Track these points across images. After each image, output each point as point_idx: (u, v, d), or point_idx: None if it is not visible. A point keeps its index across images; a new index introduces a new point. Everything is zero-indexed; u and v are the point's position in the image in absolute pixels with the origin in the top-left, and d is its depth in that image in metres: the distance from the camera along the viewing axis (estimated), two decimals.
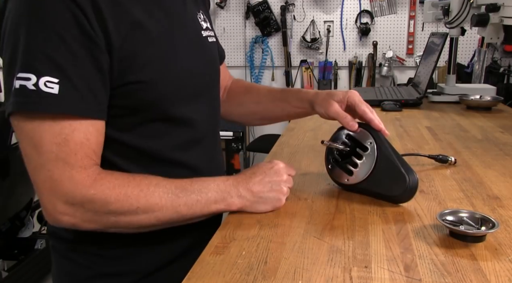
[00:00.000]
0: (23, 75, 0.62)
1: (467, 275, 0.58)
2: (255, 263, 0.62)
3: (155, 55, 0.72)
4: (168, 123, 0.77)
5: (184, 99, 0.78)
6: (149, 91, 0.72)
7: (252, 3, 3.68)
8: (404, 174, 0.78)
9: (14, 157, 2.03)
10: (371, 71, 3.66)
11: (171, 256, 0.82)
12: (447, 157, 1.03)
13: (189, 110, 0.79)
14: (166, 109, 0.75)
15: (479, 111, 1.66)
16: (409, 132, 1.35)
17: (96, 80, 0.66)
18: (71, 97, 0.64)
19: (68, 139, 0.65)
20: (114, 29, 0.66)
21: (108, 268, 0.79)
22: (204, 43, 0.85)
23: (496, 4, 1.54)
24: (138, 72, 0.70)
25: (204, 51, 0.84)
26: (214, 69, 0.89)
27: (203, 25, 0.87)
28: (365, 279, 0.58)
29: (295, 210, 0.79)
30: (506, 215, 0.76)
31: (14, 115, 0.65)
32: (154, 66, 0.72)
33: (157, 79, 0.72)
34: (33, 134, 0.64)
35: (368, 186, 0.82)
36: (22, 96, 0.62)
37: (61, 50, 0.62)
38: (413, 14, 3.57)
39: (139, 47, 0.70)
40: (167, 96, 0.75)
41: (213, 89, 0.88)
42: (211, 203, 0.74)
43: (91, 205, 0.67)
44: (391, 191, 0.80)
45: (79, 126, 0.65)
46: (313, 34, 3.71)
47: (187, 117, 0.79)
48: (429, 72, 1.80)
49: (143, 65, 0.70)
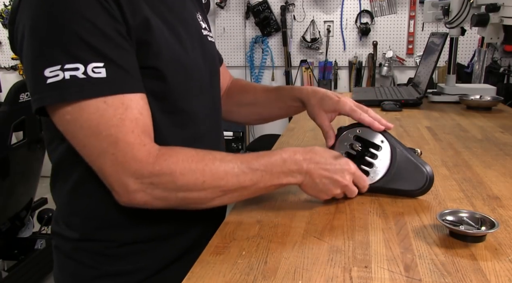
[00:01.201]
0: (71, 66, 0.62)
1: (467, 275, 0.58)
2: (255, 263, 0.62)
3: (165, 46, 0.73)
4: (174, 117, 0.77)
5: (190, 93, 0.79)
6: (161, 81, 0.73)
7: (252, 3, 3.68)
8: (421, 167, 0.80)
9: (14, 157, 2.03)
10: (371, 71, 3.66)
11: (177, 254, 0.82)
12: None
13: (194, 104, 0.80)
14: (175, 101, 0.76)
15: (479, 111, 1.66)
16: (409, 132, 1.36)
17: (131, 58, 0.68)
18: (119, 77, 0.66)
19: (124, 118, 0.65)
20: (131, 17, 0.68)
21: (114, 267, 0.79)
22: (204, 41, 0.86)
23: (496, 4, 1.54)
24: (153, 59, 0.71)
25: (204, 49, 0.85)
26: (214, 67, 0.90)
27: (202, 25, 0.88)
28: (365, 279, 0.58)
29: (295, 210, 0.79)
30: (506, 215, 0.76)
31: (61, 107, 0.64)
32: (165, 57, 0.73)
33: (168, 70, 0.73)
34: (90, 123, 0.64)
35: (384, 184, 0.83)
36: (75, 86, 0.63)
37: (97, 35, 0.64)
38: (413, 14, 3.57)
39: (151, 37, 0.71)
40: (176, 89, 0.76)
41: (214, 86, 0.89)
42: (275, 179, 0.74)
43: (159, 181, 0.67)
44: (411, 185, 0.82)
45: (130, 103, 0.66)
46: (313, 34, 3.71)
47: (193, 111, 0.80)
48: (429, 72, 1.80)
49: (156, 53, 0.71)
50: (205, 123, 0.83)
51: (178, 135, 0.78)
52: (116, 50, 0.66)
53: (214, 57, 0.91)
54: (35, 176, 2.31)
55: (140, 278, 0.80)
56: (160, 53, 0.72)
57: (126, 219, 0.76)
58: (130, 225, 0.78)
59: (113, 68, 0.65)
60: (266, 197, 0.86)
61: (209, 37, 0.89)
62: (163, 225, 0.80)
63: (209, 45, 0.88)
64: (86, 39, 0.63)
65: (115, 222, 0.77)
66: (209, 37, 0.89)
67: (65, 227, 0.80)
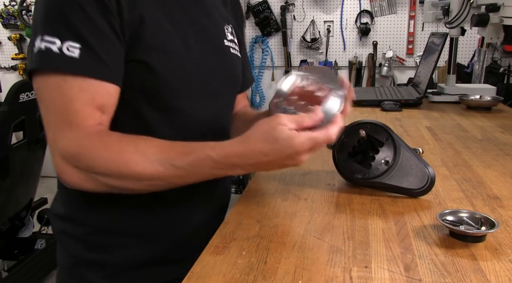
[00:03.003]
0: (50, 38, 0.66)
1: (467, 275, 0.58)
2: (255, 263, 0.62)
3: (162, 43, 0.74)
4: (167, 116, 0.77)
5: (188, 94, 0.78)
6: (151, 76, 0.73)
7: (252, 3, 3.68)
8: (424, 167, 0.81)
9: (14, 157, 2.03)
10: (371, 71, 3.66)
11: (157, 255, 0.82)
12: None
13: (192, 106, 0.79)
14: (168, 99, 0.76)
15: (479, 111, 1.66)
16: (409, 132, 1.35)
17: (115, 50, 0.70)
18: (89, 62, 0.67)
19: (74, 98, 0.67)
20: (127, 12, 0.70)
21: (91, 256, 0.80)
22: (224, 50, 0.86)
23: (496, 4, 1.54)
24: (144, 52, 0.72)
25: (221, 57, 0.85)
26: (230, 77, 0.88)
27: (228, 36, 0.89)
28: (365, 279, 0.58)
29: (295, 210, 0.79)
30: (506, 215, 0.76)
31: (35, 75, 0.69)
32: (159, 53, 0.73)
33: (161, 66, 0.73)
34: (46, 94, 0.68)
35: (386, 180, 0.83)
36: (46, 56, 0.66)
37: (83, 19, 0.67)
38: (413, 14, 3.57)
39: (144, 32, 0.72)
40: (170, 86, 0.75)
41: (225, 96, 0.88)
42: (209, 176, 0.70)
43: (80, 163, 0.68)
44: (412, 184, 0.82)
45: (88, 87, 0.68)
46: (313, 34, 3.71)
47: (189, 113, 0.79)
48: (429, 72, 1.80)
49: (148, 48, 0.72)
50: (204, 128, 0.82)
51: (171, 135, 0.75)
52: (99, 38, 0.68)
53: (233, 69, 0.89)
54: (35, 176, 2.31)
55: (116, 270, 0.81)
56: (153, 48, 0.72)
57: (105, 204, 0.77)
58: (107, 210, 0.79)
59: (88, 52, 0.67)
60: (266, 196, 0.86)
61: (232, 50, 0.89)
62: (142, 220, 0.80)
63: (229, 56, 0.88)
64: (70, 19, 0.66)
65: (94, 206, 0.79)
66: (232, 49, 0.89)
67: (57, 204, 0.84)
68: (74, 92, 0.67)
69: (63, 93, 0.67)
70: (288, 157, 0.66)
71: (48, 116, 0.69)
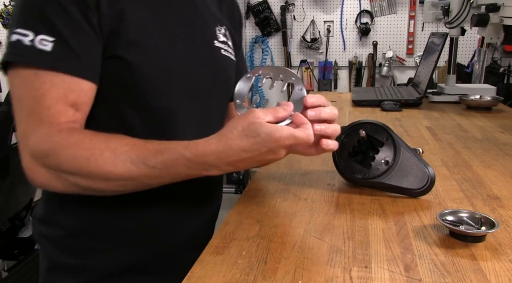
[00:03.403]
0: (22, 31, 0.65)
1: (467, 275, 0.58)
2: (255, 263, 0.62)
3: (144, 40, 0.72)
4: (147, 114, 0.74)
5: (170, 93, 0.75)
6: (130, 73, 0.71)
7: (252, 3, 3.68)
8: (424, 167, 0.81)
9: (14, 157, 2.03)
10: (371, 71, 3.66)
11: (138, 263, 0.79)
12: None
13: (175, 106, 0.76)
14: (148, 97, 0.73)
15: (479, 111, 1.66)
16: (409, 132, 1.35)
17: (91, 45, 0.68)
18: (62, 57, 0.66)
19: (46, 94, 0.65)
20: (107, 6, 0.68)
21: (66, 260, 0.78)
22: (213, 51, 0.84)
23: (496, 4, 1.54)
24: (123, 48, 0.70)
25: (211, 57, 0.83)
26: (220, 79, 0.85)
27: (220, 37, 0.86)
28: (365, 279, 0.58)
29: (295, 210, 0.79)
30: (506, 215, 0.76)
31: (9, 69, 0.68)
32: (141, 50, 0.71)
33: (143, 63, 0.71)
34: (17, 89, 0.67)
35: (386, 180, 0.83)
36: (17, 49, 0.65)
37: (58, 12, 0.65)
38: (413, 14, 3.57)
39: (124, 27, 0.70)
40: (150, 84, 0.73)
41: (214, 98, 0.85)
42: (182, 176, 0.67)
43: (49, 162, 0.65)
44: (412, 184, 0.82)
45: (59, 82, 0.66)
46: (313, 34, 3.71)
47: (171, 112, 0.76)
48: (429, 72, 1.80)
49: (129, 44, 0.70)
50: (188, 129, 0.78)
51: (152, 136, 0.70)
52: (74, 32, 0.66)
53: (223, 70, 0.86)
54: None
55: (90, 278, 0.78)
56: (133, 44, 0.70)
57: (83, 206, 0.75)
58: (83, 213, 0.76)
59: (62, 47, 0.65)
60: (266, 196, 0.86)
61: (224, 51, 0.86)
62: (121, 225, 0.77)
63: (220, 57, 0.85)
64: (45, 13, 0.65)
65: (72, 208, 0.76)
66: (223, 51, 0.86)
67: (38, 207, 0.82)
68: (46, 88, 0.65)
69: (34, 88, 0.65)
70: (270, 151, 0.63)
71: (19, 112, 0.67)
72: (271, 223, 0.74)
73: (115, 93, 0.72)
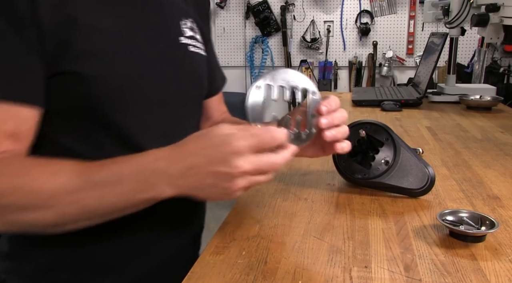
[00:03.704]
0: None
1: (467, 275, 0.58)
2: (255, 263, 0.62)
3: (99, 48, 0.64)
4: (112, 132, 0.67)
5: (139, 104, 0.68)
6: (90, 88, 0.63)
7: (252, 3, 3.68)
8: (424, 167, 0.81)
9: None
10: (371, 71, 3.67)
11: None
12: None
13: (138, 119, 0.69)
14: (108, 113, 0.66)
15: (479, 111, 1.66)
16: (409, 132, 1.36)
17: (26, 62, 0.60)
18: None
19: None
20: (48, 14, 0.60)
21: None
22: (180, 49, 0.76)
23: (496, 4, 1.54)
24: (73, 61, 0.62)
25: (177, 56, 0.75)
26: (190, 80, 0.77)
27: (186, 32, 0.78)
28: (365, 279, 0.58)
29: (295, 210, 0.79)
30: (506, 215, 0.76)
31: None
32: (97, 61, 0.63)
33: (101, 76, 0.63)
34: None
35: (386, 180, 0.83)
36: None
37: None
38: (413, 14, 3.57)
39: (75, 37, 0.61)
40: (113, 98, 0.65)
41: (186, 102, 0.77)
42: (132, 194, 0.57)
43: None
44: (412, 184, 0.82)
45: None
46: (313, 34, 3.71)
47: (135, 126, 0.68)
48: (429, 72, 1.80)
49: (79, 56, 0.62)
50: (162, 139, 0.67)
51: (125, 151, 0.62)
52: (8, 54, 0.59)
53: (194, 70, 0.79)
54: None
55: None
56: (86, 55, 0.62)
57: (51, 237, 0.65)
58: (60, 246, 0.69)
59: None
60: (266, 197, 0.86)
61: (192, 47, 0.78)
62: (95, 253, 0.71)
63: (188, 55, 0.77)
64: None
65: (39, 240, 0.69)
66: (191, 47, 0.77)
67: (1, 241, 0.73)
68: None
69: None
70: (222, 160, 0.53)
71: None
72: (271, 223, 0.74)
73: (73, 113, 0.65)
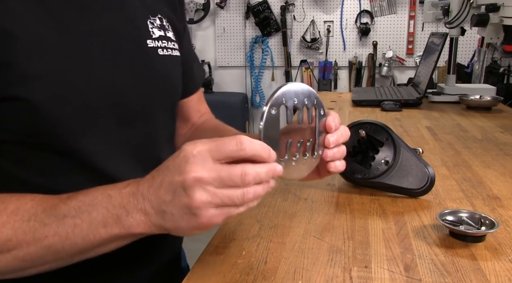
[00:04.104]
0: None
1: (467, 275, 0.58)
2: (255, 263, 0.62)
3: (41, 70, 0.54)
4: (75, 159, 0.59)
5: (102, 127, 0.60)
6: (36, 113, 0.54)
7: (252, 3, 3.68)
8: (424, 167, 0.81)
9: None
10: (371, 71, 3.67)
11: None
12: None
13: (108, 140, 0.61)
14: (70, 140, 0.57)
15: (479, 111, 1.66)
16: (409, 132, 1.36)
17: None
18: None
19: None
20: None
21: None
22: (147, 54, 0.67)
23: (496, 4, 1.54)
24: (15, 85, 0.53)
25: (144, 66, 0.66)
26: (160, 89, 0.69)
27: (154, 34, 0.69)
28: (365, 279, 0.58)
29: (295, 210, 0.79)
30: (506, 215, 0.76)
31: None
32: (39, 83, 0.54)
33: (49, 101, 0.54)
34: None
35: (386, 180, 0.83)
36: None
37: None
38: (413, 14, 3.57)
39: (14, 55, 0.53)
40: (69, 125, 0.57)
41: (156, 114, 0.69)
42: (98, 227, 0.49)
43: None
44: (411, 184, 0.82)
45: None
46: (313, 34, 3.71)
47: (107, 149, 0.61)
48: (429, 72, 1.81)
49: (26, 79, 0.53)
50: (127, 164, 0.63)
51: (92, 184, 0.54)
52: None
53: (165, 76, 0.70)
54: None
55: None
56: (31, 77, 0.53)
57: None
58: None
59: None
60: (266, 196, 0.86)
61: (162, 50, 0.69)
62: None
63: (158, 60, 0.68)
64: None
65: None
66: (161, 50, 0.69)
67: None
68: None
69: None
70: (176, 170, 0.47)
71: None
72: (271, 223, 0.74)
73: (20, 143, 0.56)
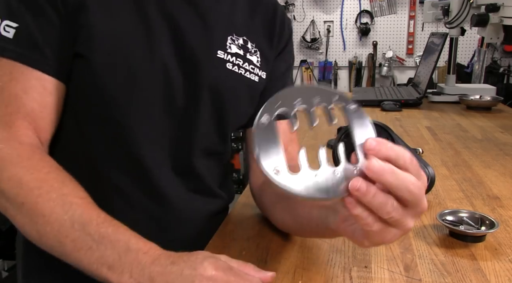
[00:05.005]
0: None
1: (467, 275, 0.58)
2: (255, 263, 0.62)
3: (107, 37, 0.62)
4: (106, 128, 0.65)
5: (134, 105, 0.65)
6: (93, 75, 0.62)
7: None
8: (424, 167, 0.81)
9: None
10: (371, 71, 3.67)
11: None
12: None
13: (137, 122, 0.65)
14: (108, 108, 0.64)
15: (479, 111, 1.66)
16: (409, 132, 1.36)
17: (56, 35, 0.61)
18: (24, 45, 0.60)
19: (4, 87, 0.59)
20: None
21: None
22: (209, 62, 0.68)
23: (496, 4, 1.54)
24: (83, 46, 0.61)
25: (199, 69, 0.67)
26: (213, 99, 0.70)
27: (231, 48, 0.71)
28: (365, 279, 0.58)
29: None
30: (506, 215, 0.76)
31: None
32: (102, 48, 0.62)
33: (104, 64, 0.62)
34: None
35: None
36: None
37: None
38: (413, 14, 3.57)
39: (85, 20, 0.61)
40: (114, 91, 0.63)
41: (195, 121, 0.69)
42: (104, 265, 0.51)
43: None
44: None
45: (19, 76, 0.60)
46: (313, 34, 3.71)
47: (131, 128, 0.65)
48: (429, 72, 1.81)
49: (89, 41, 0.61)
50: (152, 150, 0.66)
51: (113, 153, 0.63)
52: (39, 20, 0.60)
53: (225, 90, 0.70)
54: None
55: None
56: (94, 42, 0.61)
57: None
58: None
59: (25, 34, 0.60)
60: None
61: (233, 66, 0.70)
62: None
63: (222, 71, 0.69)
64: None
65: None
66: (231, 65, 0.70)
67: None
68: (5, 80, 0.59)
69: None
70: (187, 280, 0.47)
71: None
72: (271, 223, 0.74)
73: (75, 100, 0.64)
